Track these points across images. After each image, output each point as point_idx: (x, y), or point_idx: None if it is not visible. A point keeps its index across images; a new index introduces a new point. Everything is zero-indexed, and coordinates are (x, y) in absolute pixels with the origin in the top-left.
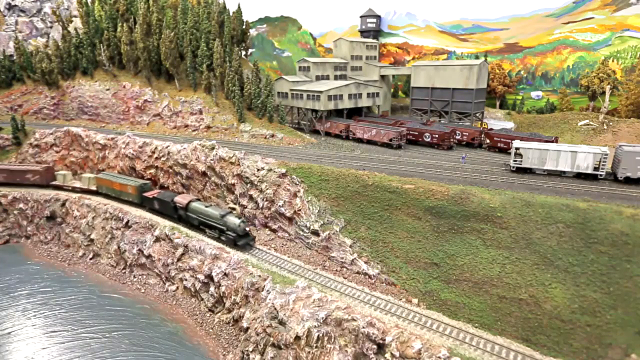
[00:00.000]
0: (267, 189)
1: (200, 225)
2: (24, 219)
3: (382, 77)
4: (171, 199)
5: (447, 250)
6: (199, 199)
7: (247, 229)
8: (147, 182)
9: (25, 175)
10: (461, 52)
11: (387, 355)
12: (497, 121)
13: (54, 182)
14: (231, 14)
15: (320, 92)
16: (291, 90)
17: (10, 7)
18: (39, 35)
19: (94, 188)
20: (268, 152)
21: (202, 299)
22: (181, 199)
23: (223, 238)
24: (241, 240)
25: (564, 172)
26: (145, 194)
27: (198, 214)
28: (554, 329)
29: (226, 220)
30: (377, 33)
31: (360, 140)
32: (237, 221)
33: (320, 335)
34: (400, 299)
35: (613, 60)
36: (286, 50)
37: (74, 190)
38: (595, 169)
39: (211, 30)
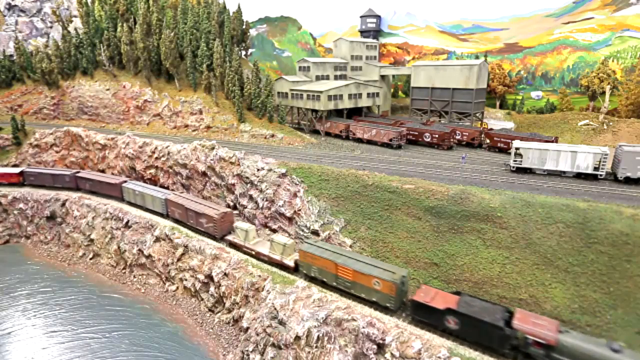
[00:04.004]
0: (267, 189)
1: None
2: (24, 219)
3: (382, 77)
4: (501, 318)
5: (447, 250)
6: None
7: None
8: (407, 270)
9: (199, 219)
10: (461, 52)
11: (387, 355)
12: (497, 121)
13: (229, 237)
14: (231, 14)
15: (320, 92)
16: (291, 90)
17: (10, 7)
18: (39, 35)
19: (290, 263)
20: (268, 152)
21: (202, 299)
22: (537, 328)
23: None
24: None
25: (564, 172)
26: (417, 299)
27: None
28: None
29: None
30: (377, 33)
31: (360, 140)
32: None
33: (320, 335)
34: None
35: (613, 60)
36: (286, 50)
37: (257, 256)
38: (595, 169)
39: (211, 30)
